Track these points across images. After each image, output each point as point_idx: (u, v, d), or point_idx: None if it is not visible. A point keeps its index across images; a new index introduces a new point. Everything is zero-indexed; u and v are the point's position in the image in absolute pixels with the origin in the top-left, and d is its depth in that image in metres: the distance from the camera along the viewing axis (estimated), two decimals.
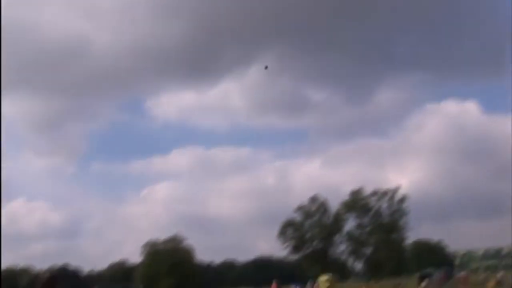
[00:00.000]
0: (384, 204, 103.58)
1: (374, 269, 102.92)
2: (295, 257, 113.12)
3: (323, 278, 70.69)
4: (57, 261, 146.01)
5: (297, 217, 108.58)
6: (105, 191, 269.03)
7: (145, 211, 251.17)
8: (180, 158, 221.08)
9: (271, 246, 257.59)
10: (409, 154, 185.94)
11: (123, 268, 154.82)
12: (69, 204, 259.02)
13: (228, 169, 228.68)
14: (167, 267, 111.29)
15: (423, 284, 48.15)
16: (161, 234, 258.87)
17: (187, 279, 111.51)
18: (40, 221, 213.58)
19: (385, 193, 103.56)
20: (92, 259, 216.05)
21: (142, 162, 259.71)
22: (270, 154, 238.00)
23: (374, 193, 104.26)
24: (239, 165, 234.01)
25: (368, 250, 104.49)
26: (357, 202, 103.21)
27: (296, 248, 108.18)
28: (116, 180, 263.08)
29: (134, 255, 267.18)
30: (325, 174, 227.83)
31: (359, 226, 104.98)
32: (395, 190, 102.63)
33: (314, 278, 71.99)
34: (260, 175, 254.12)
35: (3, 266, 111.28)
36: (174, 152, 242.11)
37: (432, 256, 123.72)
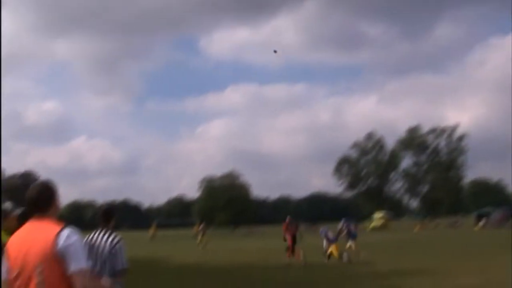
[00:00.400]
0: (442, 142, 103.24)
1: (430, 207, 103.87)
2: (350, 194, 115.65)
3: (378, 215, 72.87)
4: (119, 196, 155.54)
5: (353, 154, 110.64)
6: (161, 129, 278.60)
7: (201, 148, 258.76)
8: (234, 96, 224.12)
9: (326, 183, 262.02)
10: (469, 91, 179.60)
11: (181, 203, 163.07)
12: (128, 142, 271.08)
13: (282, 106, 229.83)
14: (224, 202, 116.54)
15: (481, 223, 48.70)
16: (217, 171, 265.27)
17: (243, 213, 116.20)
18: (101, 158, 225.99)
19: (443, 130, 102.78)
20: (151, 194, 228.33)
21: (196, 100, 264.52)
22: (324, 91, 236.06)
23: (432, 130, 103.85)
24: (293, 102, 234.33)
25: (424, 188, 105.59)
26: (414, 140, 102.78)
27: (351, 185, 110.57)
28: (172, 118, 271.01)
29: (191, 191, 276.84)
30: (381, 111, 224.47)
31: (416, 164, 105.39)
32: (454, 128, 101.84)
33: (369, 215, 73.85)
34: (314, 112, 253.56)
35: (69, 200, 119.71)
36: (228, 90, 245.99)
37: (491, 195, 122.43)
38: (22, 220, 3.64)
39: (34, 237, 2.80)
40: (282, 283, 12.02)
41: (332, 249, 17.88)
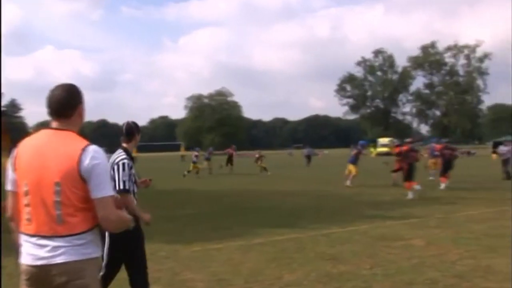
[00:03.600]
0: (460, 62, 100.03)
1: (443, 134, 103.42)
2: (353, 116, 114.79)
3: (384, 141, 72.70)
4: (94, 116, 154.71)
5: (358, 72, 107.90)
6: (139, 39, 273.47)
7: (185, 62, 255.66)
8: (220, 3, 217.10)
9: (326, 104, 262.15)
10: (492, 3, 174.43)
11: (164, 123, 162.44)
12: (101, 54, 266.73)
13: (275, 16, 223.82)
14: (213, 122, 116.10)
15: (498, 151, 48.40)
16: (204, 88, 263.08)
17: (234, 136, 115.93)
18: (71, 72, 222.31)
19: (462, 49, 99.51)
20: (130, 114, 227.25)
21: (178, 7, 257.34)
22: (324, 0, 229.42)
23: (449, 48, 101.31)
24: (288, 11, 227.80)
25: (437, 112, 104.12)
26: (428, 58, 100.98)
27: (355, 107, 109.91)
28: (150, 27, 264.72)
29: (176, 110, 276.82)
30: (389, 24, 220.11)
31: (429, 85, 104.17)
32: (475, 46, 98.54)
33: (374, 140, 73.69)
34: (313, 23, 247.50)
35: (35, 121, 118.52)
36: None
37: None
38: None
39: (53, 149, 2.57)
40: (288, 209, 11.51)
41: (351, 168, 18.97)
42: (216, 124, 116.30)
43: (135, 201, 4.38)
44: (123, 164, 4.24)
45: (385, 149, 64.68)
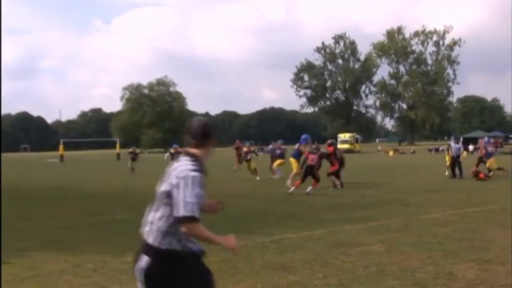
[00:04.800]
0: (428, 49, 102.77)
1: (409, 129, 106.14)
2: (311, 109, 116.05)
3: (345, 137, 73.81)
4: (12, 108, 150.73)
5: (317, 60, 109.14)
6: (64, 19, 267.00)
7: (120, 48, 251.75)
8: None
9: (281, 96, 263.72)
10: None
11: (97, 117, 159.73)
12: (21, 35, 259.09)
13: None
14: (153, 116, 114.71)
15: (470, 149, 50.08)
16: (143, 77, 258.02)
17: (177, 131, 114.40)
18: None
19: (430, 34, 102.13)
20: (56, 105, 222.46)
21: None
22: None
23: (417, 34, 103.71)
24: None
25: (404, 105, 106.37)
26: (393, 45, 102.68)
27: (313, 99, 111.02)
28: (78, 5, 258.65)
29: (110, 102, 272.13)
30: (351, 7, 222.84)
31: (395, 74, 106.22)
32: (444, 32, 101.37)
33: (333, 135, 74.75)
34: (265, 4, 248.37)
35: None
36: None
37: (483, 117, 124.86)
38: None
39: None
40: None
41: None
42: (157, 118, 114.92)
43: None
44: (194, 178, 3.29)
45: (346, 146, 65.64)
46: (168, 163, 15.71)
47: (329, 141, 19.54)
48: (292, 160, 19.43)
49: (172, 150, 28.29)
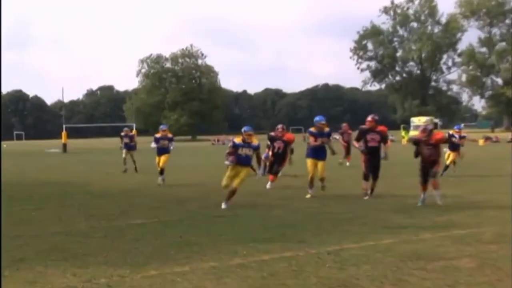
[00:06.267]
0: None
1: (505, 110, 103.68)
2: (376, 87, 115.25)
3: (420, 121, 72.86)
4: (3, 85, 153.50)
5: (384, 23, 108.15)
6: None
7: (134, 9, 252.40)
8: None
9: (337, 70, 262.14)
10: None
11: (108, 96, 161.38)
12: None
13: None
14: (178, 95, 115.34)
15: None
16: (164, 47, 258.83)
17: (209, 115, 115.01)
18: None
19: None
20: (56, 83, 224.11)
21: None
22: None
23: None
24: None
25: (498, 80, 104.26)
26: (485, 1, 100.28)
27: (379, 73, 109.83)
28: None
29: (125, 78, 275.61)
30: None
31: (487, 40, 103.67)
32: None
33: (405, 120, 74.01)
34: None
35: None
36: None
37: None
38: None
39: None
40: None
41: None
42: (182, 98, 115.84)
43: None
44: None
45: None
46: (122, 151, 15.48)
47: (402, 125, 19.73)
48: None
49: (122, 133, 28.22)
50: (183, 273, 7.54)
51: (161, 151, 21.00)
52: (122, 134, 28.62)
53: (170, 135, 21.70)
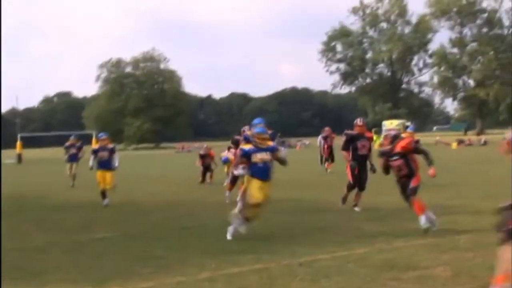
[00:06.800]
0: (504, 5, 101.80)
1: (478, 112, 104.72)
2: (345, 90, 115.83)
3: (392, 125, 73.18)
4: None
5: (353, 24, 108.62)
6: None
7: (90, 10, 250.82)
8: None
9: (304, 73, 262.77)
10: None
11: (66, 103, 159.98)
12: None
13: None
14: (140, 101, 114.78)
15: None
16: (124, 51, 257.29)
17: (172, 121, 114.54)
18: None
19: None
20: (11, 89, 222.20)
21: None
22: None
23: None
24: None
25: (470, 81, 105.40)
26: (456, 1, 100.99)
27: (349, 75, 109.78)
28: None
29: (83, 84, 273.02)
30: None
31: (458, 41, 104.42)
32: None
33: (376, 124, 74.62)
34: None
35: None
36: None
37: None
38: None
39: None
40: None
41: None
42: (145, 104, 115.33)
43: None
44: None
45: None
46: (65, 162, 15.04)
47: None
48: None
49: (68, 143, 27.06)
50: None
51: (102, 165, 17.94)
52: (68, 144, 26.90)
53: (111, 146, 18.58)
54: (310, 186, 21.06)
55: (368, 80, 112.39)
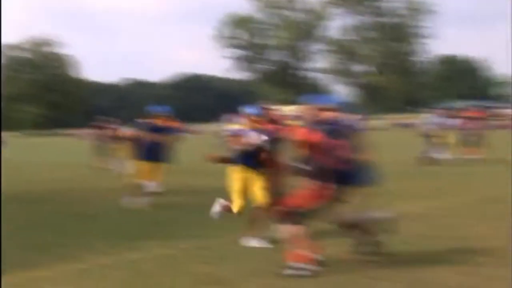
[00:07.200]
0: None
1: (371, 98, 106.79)
2: (241, 75, 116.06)
3: (289, 110, 74.07)
4: None
5: (248, 10, 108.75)
6: None
7: None
8: None
9: (201, 58, 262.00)
10: None
11: None
12: None
13: None
14: (34, 87, 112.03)
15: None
16: (15, 35, 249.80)
17: (69, 107, 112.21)
18: None
19: None
20: None
21: None
22: None
23: None
24: None
25: (362, 67, 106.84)
26: None
27: (242, 62, 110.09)
28: None
29: None
30: None
31: (350, 29, 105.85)
32: None
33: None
34: None
35: None
36: None
37: (466, 82, 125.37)
38: None
39: None
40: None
41: None
42: (39, 90, 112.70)
43: None
44: None
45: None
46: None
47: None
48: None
49: None
50: (46, 278, 7.43)
51: None
52: None
53: None
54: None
55: (263, 66, 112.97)
